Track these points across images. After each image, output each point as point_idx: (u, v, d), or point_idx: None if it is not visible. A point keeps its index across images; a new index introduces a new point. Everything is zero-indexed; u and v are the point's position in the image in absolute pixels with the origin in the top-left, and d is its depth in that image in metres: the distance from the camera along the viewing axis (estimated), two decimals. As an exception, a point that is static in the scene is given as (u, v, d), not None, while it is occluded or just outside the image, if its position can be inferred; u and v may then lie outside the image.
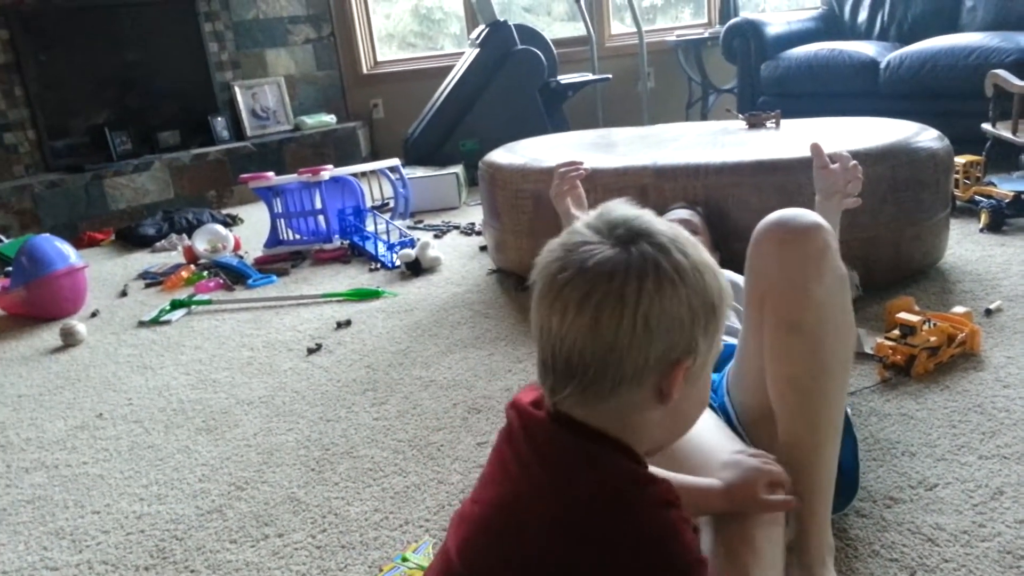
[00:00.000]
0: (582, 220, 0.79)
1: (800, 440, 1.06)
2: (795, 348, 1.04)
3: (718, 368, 1.33)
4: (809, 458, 1.06)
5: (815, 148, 1.45)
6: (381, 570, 1.25)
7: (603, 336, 0.72)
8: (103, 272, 3.33)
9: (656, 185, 2.15)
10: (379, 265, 2.92)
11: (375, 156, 5.03)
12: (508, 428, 0.84)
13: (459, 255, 2.97)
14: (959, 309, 1.78)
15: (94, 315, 2.74)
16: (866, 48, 3.69)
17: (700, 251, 0.77)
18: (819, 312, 1.03)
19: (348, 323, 2.36)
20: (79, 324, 2.51)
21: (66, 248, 2.80)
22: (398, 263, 2.84)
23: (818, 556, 1.07)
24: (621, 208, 0.78)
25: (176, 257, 3.39)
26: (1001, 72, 2.71)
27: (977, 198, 2.63)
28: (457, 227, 3.40)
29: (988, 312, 1.90)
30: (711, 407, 1.23)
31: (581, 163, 1.90)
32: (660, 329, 0.72)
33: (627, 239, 0.74)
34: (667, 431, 0.82)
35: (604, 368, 0.73)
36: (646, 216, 0.77)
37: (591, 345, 0.72)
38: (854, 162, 1.43)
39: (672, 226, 0.78)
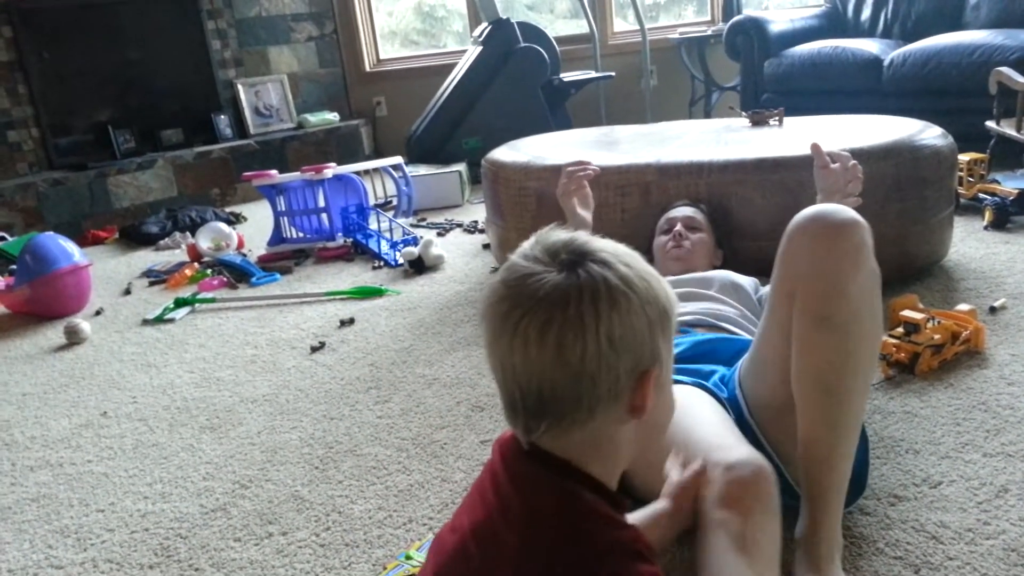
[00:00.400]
0: (518, 252, 0.77)
1: (820, 436, 1.07)
2: (824, 343, 1.04)
3: (729, 363, 1.33)
4: (827, 455, 1.07)
5: (815, 148, 1.46)
6: (385, 568, 1.25)
7: (570, 364, 0.71)
8: (107, 270, 3.33)
9: (659, 183, 2.15)
10: (382, 263, 2.92)
11: (378, 154, 5.04)
12: (492, 459, 0.83)
13: (462, 253, 2.97)
14: (963, 307, 1.78)
15: (98, 313, 2.75)
16: (869, 46, 3.68)
17: (641, 260, 0.77)
18: (852, 308, 1.04)
19: (351, 321, 2.36)
20: (83, 322, 2.52)
21: (70, 246, 2.81)
22: (401, 261, 2.84)
23: (827, 553, 1.08)
24: (555, 233, 0.77)
25: (180, 255, 3.39)
26: (1005, 70, 2.70)
27: (981, 196, 2.62)
28: (460, 225, 3.40)
29: (992, 310, 1.90)
30: (719, 401, 1.23)
31: (590, 163, 1.87)
32: (624, 344, 0.72)
33: (570, 263, 0.73)
34: (641, 446, 0.81)
35: (578, 395, 0.72)
36: (582, 236, 0.76)
37: (560, 375, 0.71)
38: (854, 162, 1.43)
39: (608, 240, 0.77)
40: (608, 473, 0.79)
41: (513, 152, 2.55)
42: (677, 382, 1.19)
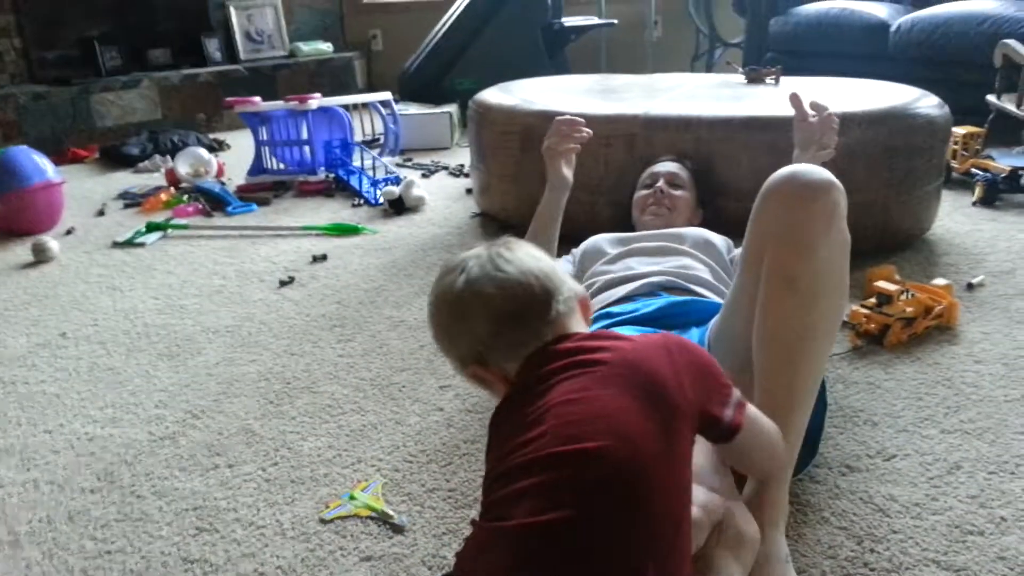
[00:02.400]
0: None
1: (776, 398, 1.05)
2: (788, 304, 1.02)
3: (700, 324, 1.31)
4: (782, 418, 1.04)
5: (794, 98, 1.40)
6: (327, 506, 1.24)
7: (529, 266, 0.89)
8: (83, 189, 3.27)
9: (645, 136, 2.09)
10: (362, 201, 2.87)
11: (371, 89, 4.92)
12: (513, 390, 0.88)
13: (444, 196, 2.92)
14: (940, 281, 1.75)
15: (69, 232, 2.70)
16: (878, 9, 3.58)
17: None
18: (818, 270, 1.02)
19: (324, 257, 2.32)
20: (52, 241, 2.47)
21: (43, 162, 2.74)
22: (381, 200, 2.79)
23: (771, 519, 1.06)
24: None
25: (158, 179, 3.32)
26: (1012, 42, 2.63)
27: (973, 171, 2.58)
28: (446, 168, 3.34)
29: (970, 286, 1.87)
30: None
31: (583, 123, 1.66)
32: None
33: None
34: None
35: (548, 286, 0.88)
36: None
37: (529, 274, 0.88)
38: (829, 111, 1.38)
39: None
40: None
41: (503, 94, 2.48)
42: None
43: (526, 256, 0.92)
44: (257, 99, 3.12)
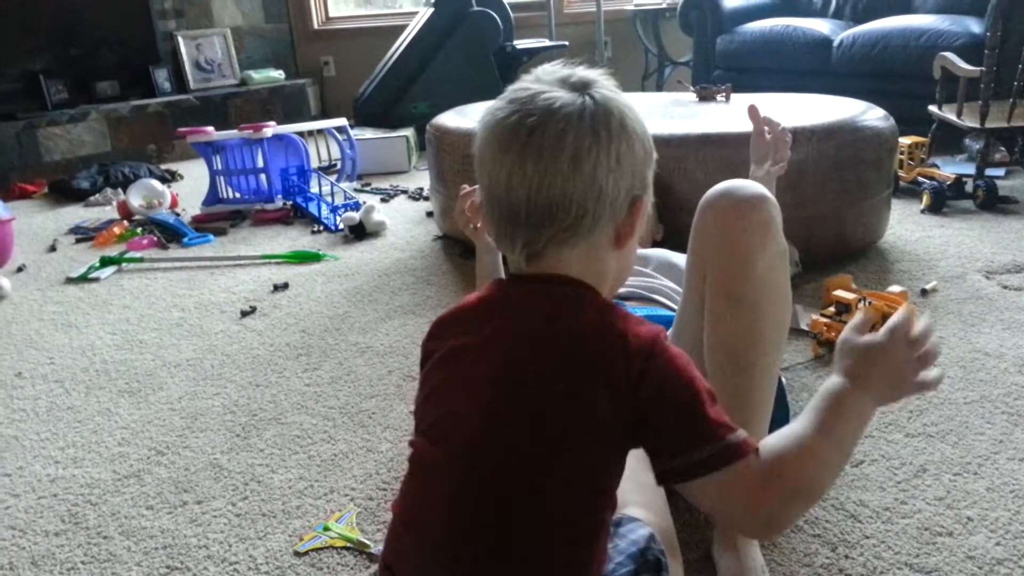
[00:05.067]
0: (518, 82, 0.80)
1: (732, 411, 1.05)
2: (733, 319, 1.03)
3: None
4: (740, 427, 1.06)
5: (752, 111, 1.42)
6: (301, 539, 1.22)
7: (584, 172, 0.74)
8: (32, 225, 3.19)
9: (603, 154, 2.12)
10: (322, 227, 2.85)
11: (325, 115, 4.91)
12: (480, 297, 0.83)
13: (405, 220, 2.91)
14: (895, 288, 1.80)
15: (20, 270, 2.63)
16: (820, 25, 3.69)
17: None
18: (759, 284, 1.03)
19: (285, 286, 2.29)
20: (2, 278, 2.41)
21: (-10, 199, 2.67)
22: (341, 226, 2.77)
23: (744, 532, 1.07)
24: (554, 67, 0.81)
25: (110, 212, 3.26)
26: (949, 55, 2.73)
27: (920, 179, 2.66)
28: (405, 191, 3.33)
29: (924, 292, 1.93)
30: None
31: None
32: (627, 164, 0.77)
33: (580, 85, 0.78)
34: (615, 281, 0.84)
35: (585, 205, 0.75)
36: (581, 70, 0.80)
37: (572, 183, 0.74)
38: (783, 127, 1.41)
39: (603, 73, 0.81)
40: None
41: (459, 118, 2.49)
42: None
43: (604, 156, 0.76)
44: (210, 129, 3.09)
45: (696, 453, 0.70)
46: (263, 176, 3.08)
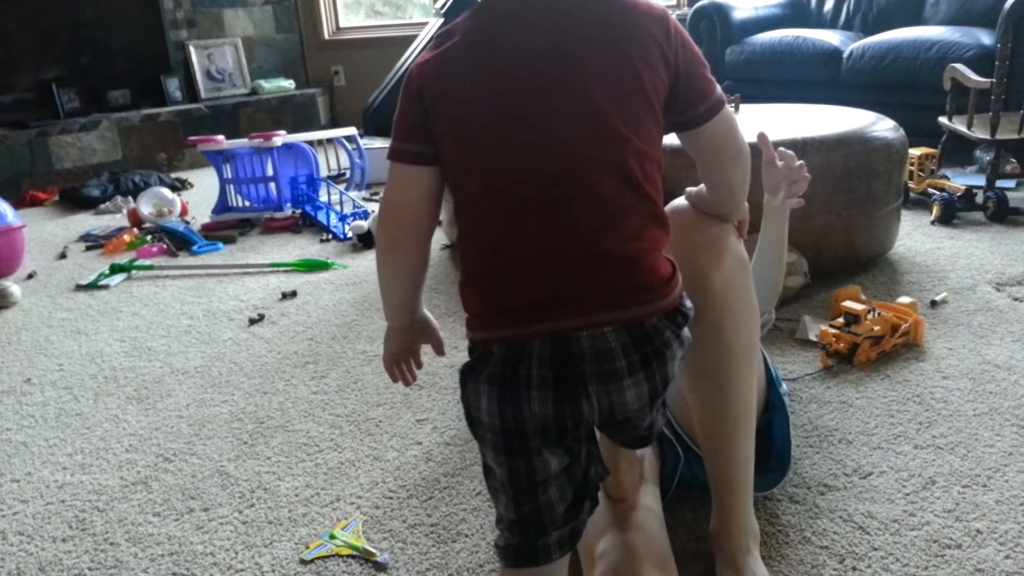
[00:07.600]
0: None
1: (714, 427, 1.05)
2: (701, 336, 0.98)
3: None
4: (725, 444, 1.05)
5: (762, 138, 1.39)
6: (307, 547, 1.22)
7: None
8: (43, 233, 3.21)
9: (611, 164, 2.12)
10: (330, 236, 2.86)
11: (335, 124, 4.92)
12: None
13: (413, 228, 2.91)
14: (904, 299, 1.79)
15: (30, 277, 2.65)
16: (830, 37, 3.69)
17: None
18: (718, 300, 1.00)
19: (294, 294, 2.30)
20: (13, 285, 2.42)
21: (3, 207, 2.69)
22: (350, 235, 2.78)
23: (742, 544, 1.06)
24: None
25: (120, 220, 3.28)
26: (959, 67, 2.72)
27: (930, 191, 2.65)
28: (413, 200, 3.33)
29: (933, 303, 1.92)
30: None
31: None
32: None
33: None
34: None
35: None
36: None
37: None
38: (800, 162, 1.37)
39: None
40: None
41: (467, 127, 2.49)
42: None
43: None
44: (220, 137, 3.11)
45: (702, 105, 0.91)
46: (272, 185, 3.10)
